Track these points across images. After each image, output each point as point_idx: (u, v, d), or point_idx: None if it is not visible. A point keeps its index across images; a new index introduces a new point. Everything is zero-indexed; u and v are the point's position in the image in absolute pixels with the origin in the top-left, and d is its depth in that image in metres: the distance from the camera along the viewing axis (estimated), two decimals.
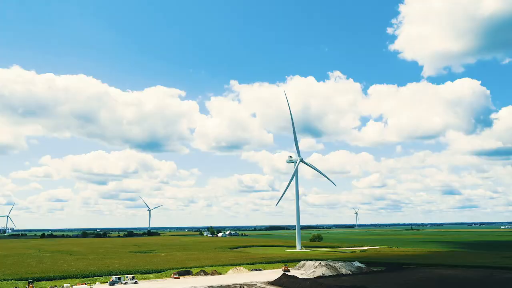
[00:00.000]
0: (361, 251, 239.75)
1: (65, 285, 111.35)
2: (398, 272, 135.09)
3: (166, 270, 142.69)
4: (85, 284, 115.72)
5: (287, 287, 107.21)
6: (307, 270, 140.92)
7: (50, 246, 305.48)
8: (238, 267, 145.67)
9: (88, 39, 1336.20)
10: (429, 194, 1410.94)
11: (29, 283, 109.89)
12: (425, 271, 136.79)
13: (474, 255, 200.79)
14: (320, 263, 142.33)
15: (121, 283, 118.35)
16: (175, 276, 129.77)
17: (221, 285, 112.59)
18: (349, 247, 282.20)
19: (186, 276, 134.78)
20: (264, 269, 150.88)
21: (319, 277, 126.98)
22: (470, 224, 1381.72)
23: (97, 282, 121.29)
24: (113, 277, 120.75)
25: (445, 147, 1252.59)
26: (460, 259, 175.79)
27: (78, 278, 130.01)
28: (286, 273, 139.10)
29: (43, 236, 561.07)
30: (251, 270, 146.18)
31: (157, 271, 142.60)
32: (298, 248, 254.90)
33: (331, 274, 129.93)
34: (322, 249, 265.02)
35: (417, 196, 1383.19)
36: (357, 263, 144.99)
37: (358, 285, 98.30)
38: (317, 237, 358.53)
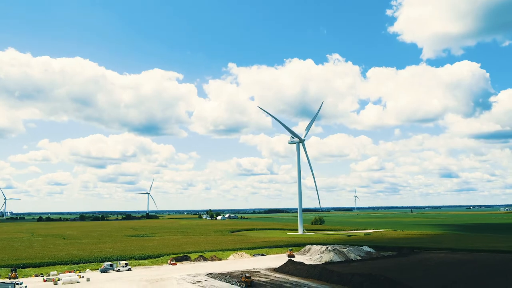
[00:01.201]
0: (365, 234, 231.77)
1: (51, 272, 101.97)
2: (411, 257, 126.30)
3: (163, 256, 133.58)
4: (73, 271, 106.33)
5: (294, 275, 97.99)
6: (313, 255, 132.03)
7: (44, 229, 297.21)
8: (239, 252, 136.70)
9: (84, 21, 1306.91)
10: (427, 177, 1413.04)
11: (12, 270, 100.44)
12: (439, 256, 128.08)
13: (481, 238, 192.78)
14: (327, 247, 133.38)
15: (113, 270, 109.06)
16: (172, 262, 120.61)
17: (221, 273, 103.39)
18: (352, 230, 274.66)
19: (184, 262, 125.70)
20: (267, 254, 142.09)
21: (327, 263, 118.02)
22: (468, 207, 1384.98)
23: (87, 269, 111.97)
24: (105, 264, 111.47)
25: (444, 130, 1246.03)
26: (470, 242, 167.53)
27: (68, 264, 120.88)
28: (291, 258, 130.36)
29: (40, 219, 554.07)
30: (253, 255, 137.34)
31: (153, 257, 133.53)
32: (300, 232, 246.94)
33: (339, 259, 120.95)
34: (325, 232, 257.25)
35: (415, 179, 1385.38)
36: (366, 248, 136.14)
37: (375, 274, 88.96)
38: (319, 220, 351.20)
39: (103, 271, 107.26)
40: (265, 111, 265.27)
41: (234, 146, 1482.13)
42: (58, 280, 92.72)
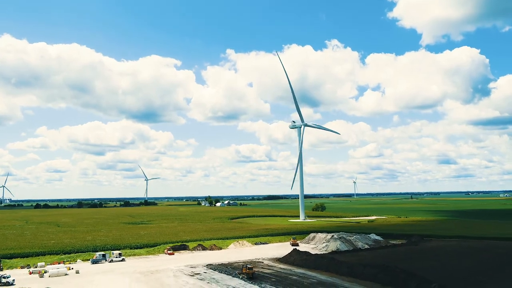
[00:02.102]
0: (368, 221, 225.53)
1: (39, 264, 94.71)
2: (422, 245, 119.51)
3: (159, 245, 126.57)
4: (62, 262, 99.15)
5: (300, 266, 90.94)
6: (318, 244, 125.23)
7: (39, 217, 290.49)
8: (240, 241, 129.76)
9: (81, 7, 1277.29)
10: (425, 164, 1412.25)
11: None
12: (451, 244, 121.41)
13: (489, 225, 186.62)
14: (332, 235, 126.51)
15: (106, 260, 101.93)
16: (168, 252, 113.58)
17: (221, 263, 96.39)
18: (354, 217, 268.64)
19: (181, 251, 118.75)
20: (269, 242, 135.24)
21: (333, 252, 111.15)
22: (467, 193, 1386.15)
23: (78, 260, 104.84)
24: (97, 254, 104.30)
25: (442, 116, 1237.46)
26: (479, 229, 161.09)
27: (58, 254, 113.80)
28: (295, 247, 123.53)
29: (37, 206, 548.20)
30: (255, 244, 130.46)
31: (149, 246, 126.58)
32: (301, 218, 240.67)
33: (346, 248, 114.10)
34: (327, 219, 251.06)
35: (413, 165, 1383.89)
36: (373, 236, 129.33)
37: (388, 265, 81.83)
38: (320, 206, 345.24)
39: (95, 262, 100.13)
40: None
41: (233, 133, 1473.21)
42: (45, 272, 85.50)
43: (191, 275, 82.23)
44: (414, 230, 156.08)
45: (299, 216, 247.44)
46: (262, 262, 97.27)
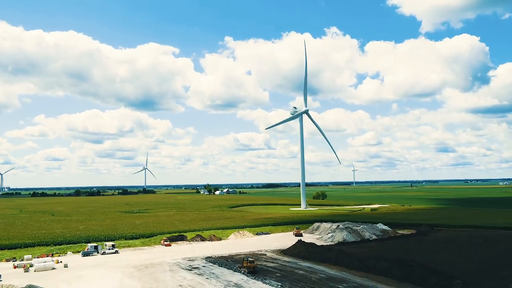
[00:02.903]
0: (372, 209, 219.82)
1: (25, 257, 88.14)
2: (432, 236, 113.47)
3: (156, 235, 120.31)
4: (51, 255, 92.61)
5: (306, 259, 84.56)
6: (323, 234, 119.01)
7: (35, 205, 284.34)
8: (241, 231, 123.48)
9: None
10: (423, 152, 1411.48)
11: None
12: (462, 234, 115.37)
13: (495, 213, 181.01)
14: (338, 225, 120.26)
15: (98, 253, 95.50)
16: (165, 243, 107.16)
17: (221, 256, 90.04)
18: (356, 205, 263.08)
19: (179, 242, 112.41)
20: (271, 232, 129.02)
21: (339, 243, 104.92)
22: (465, 181, 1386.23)
23: (68, 252, 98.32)
24: (89, 246, 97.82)
25: (441, 105, 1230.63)
26: (487, 218, 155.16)
27: (49, 245, 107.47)
28: (299, 237, 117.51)
29: (34, 195, 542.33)
30: (256, 234, 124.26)
31: (145, 236, 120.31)
32: (303, 207, 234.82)
33: (354, 239, 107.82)
34: (328, 207, 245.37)
35: (412, 153, 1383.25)
36: (381, 226, 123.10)
37: (404, 259, 75.32)
38: (321, 194, 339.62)
39: (86, 254, 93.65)
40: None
41: (231, 121, 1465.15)
42: (30, 266, 78.94)
43: (189, 270, 75.77)
44: (421, 219, 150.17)
45: (300, 205, 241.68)
46: (265, 255, 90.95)
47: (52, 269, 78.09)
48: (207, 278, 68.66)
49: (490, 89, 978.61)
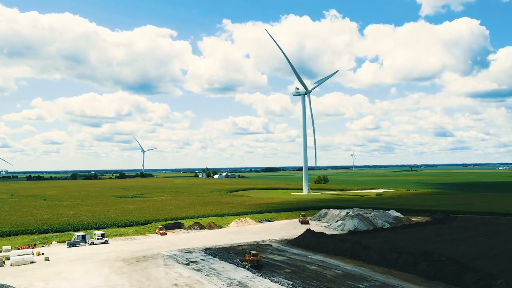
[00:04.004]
0: (377, 194, 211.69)
1: (4, 248, 79.25)
2: (450, 224, 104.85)
3: (151, 222, 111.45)
4: (33, 246, 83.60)
5: (317, 251, 75.67)
6: (331, 222, 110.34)
7: (28, 189, 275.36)
8: (242, 218, 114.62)
9: None
10: (422, 136, 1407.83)
11: None
12: (481, 222, 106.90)
13: (507, 199, 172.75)
14: (347, 212, 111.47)
15: (85, 243, 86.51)
16: (160, 231, 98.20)
17: (222, 247, 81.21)
18: (360, 189, 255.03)
19: (175, 230, 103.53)
20: (275, 219, 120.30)
21: (351, 232, 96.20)
22: (464, 166, 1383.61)
23: (53, 242, 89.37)
24: (76, 235, 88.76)
25: (440, 89, 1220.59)
26: (501, 204, 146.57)
27: (34, 233, 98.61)
28: (305, 225, 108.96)
29: (29, 178, 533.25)
30: (259, 221, 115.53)
31: (139, 223, 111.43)
32: (305, 191, 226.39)
33: (366, 228, 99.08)
34: (331, 192, 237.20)
35: (410, 138, 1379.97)
36: (393, 212, 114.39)
37: (430, 252, 66.26)
38: (323, 178, 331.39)
39: (72, 244, 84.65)
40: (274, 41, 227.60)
41: (230, 105, 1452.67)
42: (6, 259, 69.93)
43: (186, 264, 66.80)
44: (433, 206, 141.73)
45: (302, 189, 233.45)
46: (271, 245, 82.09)
47: (31, 263, 69.08)
48: (206, 275, 59.72)
49: (490, 73, 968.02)
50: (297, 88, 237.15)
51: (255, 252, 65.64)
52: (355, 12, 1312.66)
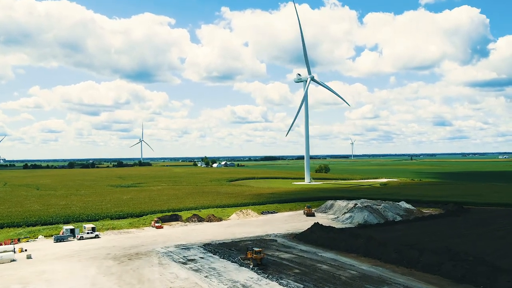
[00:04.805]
0: (381, 184, 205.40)
1: None
2: (465, 216, 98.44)
3: (146, 214, 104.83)
4: (17, 241, 76.85)
5: (327, 247, 69.09)
6: (338, 214, 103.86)
7: (22, 178, 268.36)
8: (243, 210, 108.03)
9: None
10: (420, 125, 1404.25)
11: None
12: (498, 214, 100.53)
13: None
14: (355, 204, 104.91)
15: (74, 237, 79.79)
16: (156, 224, 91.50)
17: (223, 242, 74.63)
18: (362, 179, 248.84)
19: (172, 223, 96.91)
20: (278, 211, 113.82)
21: (361, 225, 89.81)
22: (463, 155, 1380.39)
23: (39, 236, 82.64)
24: (64, 229, 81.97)
25: (440, 78, 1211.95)
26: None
27: (20, 226, 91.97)
28: (310, 217, 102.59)
29: (25, 167, 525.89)
30: (261, 213, 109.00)
31: (134, 215, 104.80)
32: (307, 181, 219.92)
33: (377, 221, 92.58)
34: (334, 181, 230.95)
35: (409, 127, 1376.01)
36: (404, 204, 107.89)
37: (455, 250, 59.79)
38: (324, 167, 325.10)
39: (59, 239, 77.89)
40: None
41: (228, 93, 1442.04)
42: None
43: (183, 263, 60.14)
44: (443, 196, 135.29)
45: (303, 178, 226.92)
46: (276, 240, 75.53)
47: (11, 261, 62.33)
48: (206, 277, 53.09)
49: (489, 62, 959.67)
50: (299, 74, 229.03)
51: (258, 249, 59.08)
52: (354, 0, 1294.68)
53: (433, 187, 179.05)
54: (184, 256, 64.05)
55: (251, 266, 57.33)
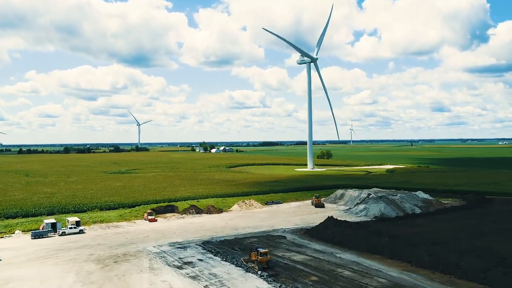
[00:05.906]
0: (387, 170, 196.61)
1: None
2: (492, 209, 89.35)
3: (139, 205, 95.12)
4: None
5: (345, 246, 59.82)
6: (350, 205, 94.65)
7: (13, 164, 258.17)
8: (246, 200, 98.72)
9: None
10: (418, 111, 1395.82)
11: None
12: None
13: None
14: (369, 194, 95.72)
15: (55, 233, 70.31)
16: (149, 217, 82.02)
17: (225, 239, 65.34)
18: (367, 165, 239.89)
19: (168, 215, 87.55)
20: (284, 201, 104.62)
21: (378, 219, 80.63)
22: (462, 141, 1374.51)
23: (16, 231, 73.10)
24: (45, 223, 72.45)
25: (438, 63, 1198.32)
26: None
27: None
28: (320, 208, 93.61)
29: (20, 152, 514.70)
30: (266, 204, 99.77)
31: (126, 206, 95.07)
32: (309, 167, 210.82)
33: (395, 213, 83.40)
34: (337, 168, 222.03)
35: (407, 113, 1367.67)
36: (421, 194, 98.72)
37: (504, 257, 50.81)
38: (326, 153, 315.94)
39: (37, 235, 68.37)
40: (270, 32, 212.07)
41: (226, 78, 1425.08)
42: None
43: (179, 267, 50.78)
44: (457, 185, 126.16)
45: (305, 165, 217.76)
46: (285, 237, 66.26)
47: None
48: (205, 287, 43.79)
49: (489, 48, 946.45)
50: (302, 56, 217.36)
51: (263, 250, 49.89)
52: None
53: (444, 174, 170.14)
54: (179, 258, 54.65)
55: (257, 271, 48.12)
